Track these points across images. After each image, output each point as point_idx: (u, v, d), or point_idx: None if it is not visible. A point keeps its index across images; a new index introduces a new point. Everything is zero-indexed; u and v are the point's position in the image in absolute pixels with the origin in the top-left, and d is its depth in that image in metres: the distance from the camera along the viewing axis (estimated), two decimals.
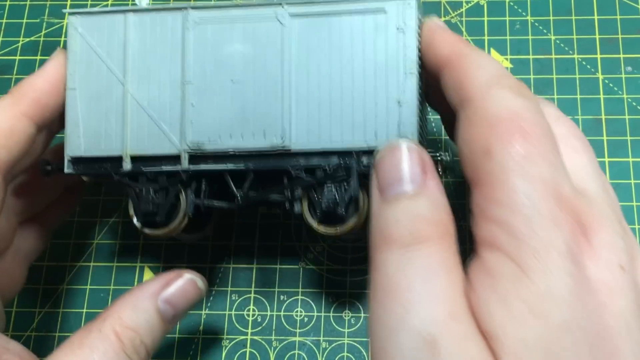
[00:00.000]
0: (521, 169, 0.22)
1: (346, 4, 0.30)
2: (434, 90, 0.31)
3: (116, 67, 0.32)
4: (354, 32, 0.30)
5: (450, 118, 0.28)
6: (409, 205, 0.24)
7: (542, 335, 0.20)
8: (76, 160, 0.32)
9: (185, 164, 0.31)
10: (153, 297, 0.30)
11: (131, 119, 0.31)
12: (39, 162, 0.32)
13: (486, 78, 0.25)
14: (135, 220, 0.32)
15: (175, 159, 0.31)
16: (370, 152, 0.29)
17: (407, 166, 0.25)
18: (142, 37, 0.31)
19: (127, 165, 0.31)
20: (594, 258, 0.22)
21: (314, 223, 0.31)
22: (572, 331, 0.20)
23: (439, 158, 0.30)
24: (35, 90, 0.31)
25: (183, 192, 0.32)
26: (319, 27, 0.30)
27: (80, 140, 0.31)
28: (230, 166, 0.31)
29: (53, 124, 0.33)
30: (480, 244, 0.23)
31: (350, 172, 0.29)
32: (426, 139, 0.32)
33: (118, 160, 0.31)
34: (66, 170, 0.32)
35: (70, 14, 0.32)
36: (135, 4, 0.32)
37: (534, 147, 0.23)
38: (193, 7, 0.31)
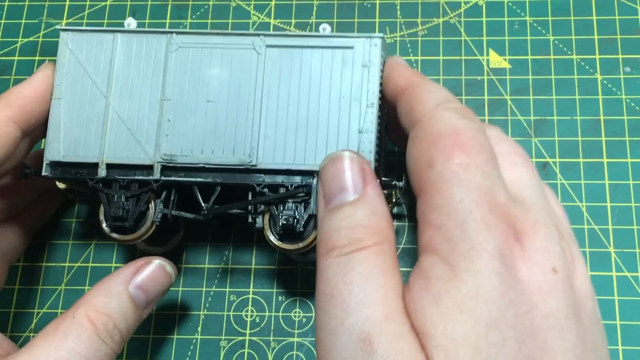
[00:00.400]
0: (458, 178, 0.24)
1: (319, 39, 0.33)
2: (393, 125, 0.34)
3: (101, 81, 0.33)
4: (324, 64, 0.32)
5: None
6: (349, 214, 0.25)
7: (470, 332, 0.21)
8: (54, 165, 0.33)
9: (157, 174, 0.33)
10: (124, 284, 0.31)
11: (110, 130, 0.33)
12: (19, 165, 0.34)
13: (434, 102, 0.27)
14: (104, 225, 0.33)
15: (148, 168, 0.33)
16: None
17: (348, 176, 0.26)
18: (128, 56, 0.33)
19: (102, 172, 0.33)
20: (526, 261, 0.23)
21: (274, 239, 0.32)
22: (500, 328, 0.21)
23: (393, 184, 0.32)
24: (22, 97, 0.33)
25: (153, 202, 0.33)
26: (292, 57, 0.33)
27: (60, 146, 0.33)
28: (199, 179, 0.33)
29: (36, 131, 0.34)
30: (421, 250, 0.24)
31: (311, 191, 0.31)
32: (383, 165, 0.34)
33: (94, 167, 0.33)
34: (44, 173, 0.33)
35: (63, 30, 0.34)
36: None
37: (471, 159, 0.24)
38: (178, 32, 0.33)
